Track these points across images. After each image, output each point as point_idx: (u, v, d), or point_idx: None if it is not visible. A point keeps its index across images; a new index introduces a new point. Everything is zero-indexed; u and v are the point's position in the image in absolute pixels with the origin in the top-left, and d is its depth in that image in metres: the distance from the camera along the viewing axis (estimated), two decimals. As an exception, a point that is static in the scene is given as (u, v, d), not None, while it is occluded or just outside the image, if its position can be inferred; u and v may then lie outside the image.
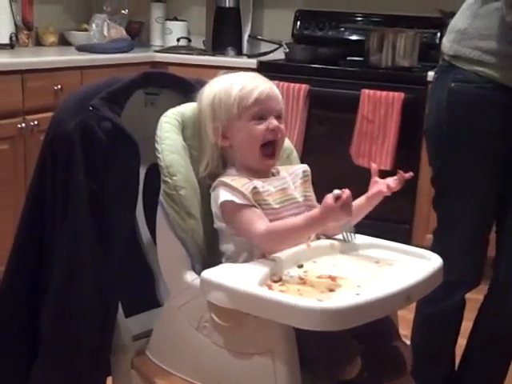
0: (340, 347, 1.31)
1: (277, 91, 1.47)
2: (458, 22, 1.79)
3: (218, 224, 1.43)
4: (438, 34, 3.45)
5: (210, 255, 1.44)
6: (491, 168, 1.78)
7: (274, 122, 1.43)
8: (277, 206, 1.41)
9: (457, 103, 1.75)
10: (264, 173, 1.46)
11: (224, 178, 1.42)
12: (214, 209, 1.42)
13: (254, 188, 1.39)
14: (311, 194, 1.51)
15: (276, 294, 1.26)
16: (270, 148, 1.44)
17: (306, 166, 1.53)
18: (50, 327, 1.47)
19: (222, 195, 1.39)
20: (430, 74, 3.08)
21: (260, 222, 1.36)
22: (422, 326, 1.96)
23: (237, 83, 1.43)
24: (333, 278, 1.33)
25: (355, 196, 1.60)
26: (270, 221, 1.39)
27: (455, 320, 1.94)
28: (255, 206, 1.38)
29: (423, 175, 3.16)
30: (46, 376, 1.49)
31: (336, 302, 1.22)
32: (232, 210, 1.38)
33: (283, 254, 1.39)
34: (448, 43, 1.80)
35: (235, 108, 1.42)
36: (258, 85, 1.43)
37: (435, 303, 1.83)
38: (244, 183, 1.40)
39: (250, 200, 1.38)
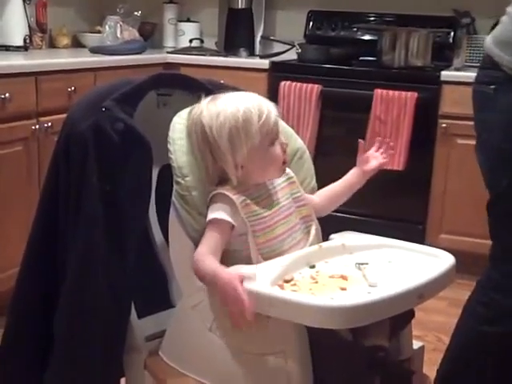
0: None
1: None
2: None
3: None
4: (452, 34, 3.44)
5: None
6: None
7: (282, 142, 1.45)
8: (266, 214, 1.42)
9: None
10: (258, 184, 1.46)
11: (220, 190, 1.41)
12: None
13: (244, 200, 1.40)
14: (300, 193, 1.52)
15: (287, 292, 1.26)
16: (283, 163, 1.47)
17: (287, 170, 1.52)
18: (64, 327, 1.47)
19: (210, 215, 1.39)
20: (444, 74, 3.07)
21: (206, 247, 1.36)
22: (470, 343, 1.77)
23: (253, 109, 1.40)
24: (344, 278, 1.33)
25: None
26: (264, 228, 1.40)
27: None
28: (225, 228, 1.38)
29: (436, 175, 3.15)
30: (59, 377, 1.50)
31: (348, 299, 1.22)
32: (209, 223, 1.39)
33: (294, 255, 1.39)
34: (509, 56, 1.63)
35: (258, 136, 1.40)
36: (268, 106, 1.43)
37: (498, 322, 1.69)
38: (233, 193, 1.40)
39: (237, 212, 1.38)
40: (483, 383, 1.75)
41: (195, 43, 3.84)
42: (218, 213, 1.39)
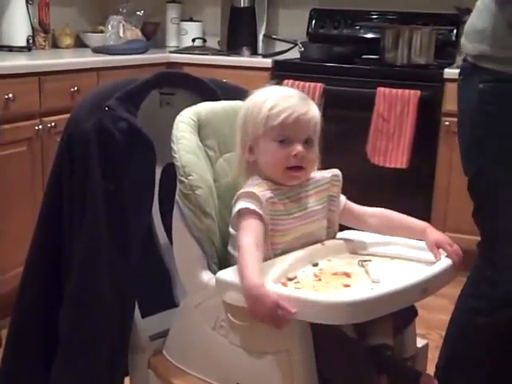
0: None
1: (310, 115, 1.40)
2: (477, 22, 1.73)
3: (231, 231, 1.42)
4: (454, 31, 3.43)
5: (226, 255, 1.45)
6: None
7: (298, 148, 1.38)
8: (290, 216, 1.39)
9: (488, 103, 1.67)
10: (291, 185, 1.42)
11: (246, 189, 1.39)
12: (232, 217, 1.40)
13: (270, 198, 1.37)
14: (335, 200, 1.47)
15: (290, 290, 1.26)
16: (294, 171, 1.40)
17: (335, 171, 1.49)
18: (68, 328, 1.48)
19: (240, 204, 1.37)
20: (447, 72, 3.07)
21: (250, 235, 1.32)
22: (466, 334, 1.79)
23: (269, 101, 1.39)
24: (348, 275, 1.33)
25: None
26: (283, 230, 1.38)
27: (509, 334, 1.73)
28: (263, 220, 1.35)
29: (440, 173, 3.15)
30: (64, 376, 1.50)
31: (350, 295, 1.22)
32: (242, 215, 1.36)
33: (298, 253, 1.39)
34: (470, 44, 1.73)
35: (262, 126, 1.39)
36: (290, 107, 1.38)
37: (491, 313, 1.71)
38: (262, 190, 1.37)
39: (264, 209, 1.35)
40: (479, 374, 1.76)
41: (198, 42, 3.85)
42: (248, 204, 1.35)
